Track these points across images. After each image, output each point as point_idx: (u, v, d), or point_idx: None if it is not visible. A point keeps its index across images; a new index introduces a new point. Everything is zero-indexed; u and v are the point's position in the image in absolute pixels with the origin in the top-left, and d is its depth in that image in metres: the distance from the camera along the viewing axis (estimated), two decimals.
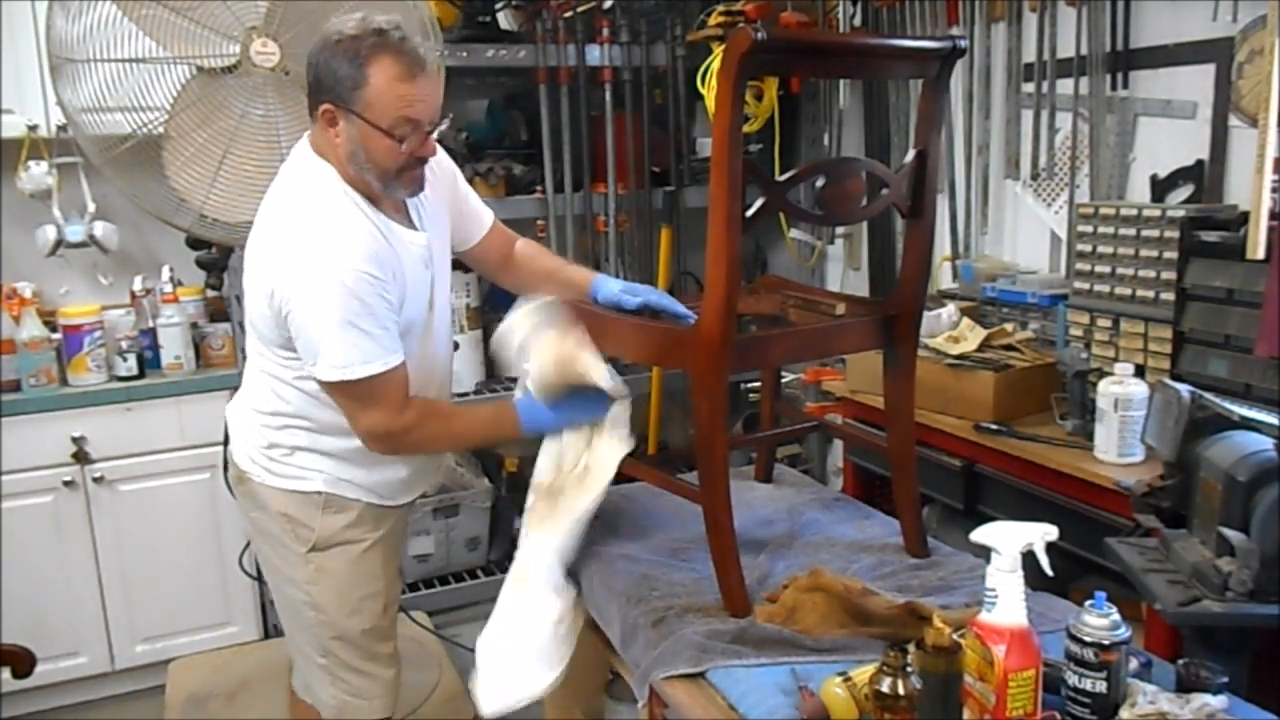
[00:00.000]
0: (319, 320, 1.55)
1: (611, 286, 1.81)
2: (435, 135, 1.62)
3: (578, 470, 1.70)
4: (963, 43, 1.56)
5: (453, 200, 1.84)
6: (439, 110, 1.61)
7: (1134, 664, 1.25)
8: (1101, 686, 1.16)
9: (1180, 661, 1.25)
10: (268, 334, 1.66)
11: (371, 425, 1.64)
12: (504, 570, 3.18)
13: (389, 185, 1.62)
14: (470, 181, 2.00)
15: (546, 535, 1.69)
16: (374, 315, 1.56)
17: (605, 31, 3.04)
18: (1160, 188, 2.23)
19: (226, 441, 1.87)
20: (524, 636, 1.65)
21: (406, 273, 1.65)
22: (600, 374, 1.65)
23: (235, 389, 1.83)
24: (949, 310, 2.43)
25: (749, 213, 1.43)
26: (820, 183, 1.53)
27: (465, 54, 2.88)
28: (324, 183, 1.60)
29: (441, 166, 1.78)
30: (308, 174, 1.62)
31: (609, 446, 1.68)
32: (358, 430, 1.66)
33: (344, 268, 1.53)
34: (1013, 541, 1.18)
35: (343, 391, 1.61)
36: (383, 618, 1.83)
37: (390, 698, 1.86)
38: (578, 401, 1.70)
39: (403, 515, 1.91)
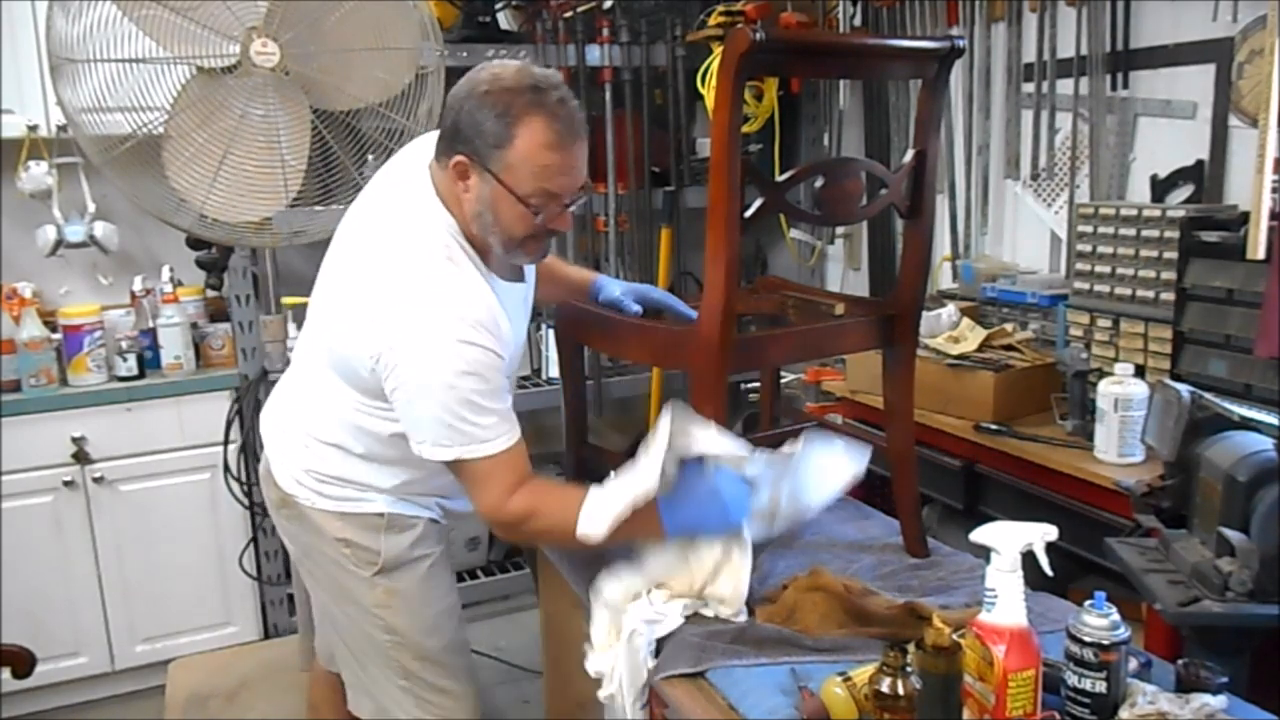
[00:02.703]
0: (426, 397, 1.41)
1: (612, 288, 1.80)
2: (573, 209, 1.48)
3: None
4: (961, 43, 1.56)
5: None
6: (582, 182, 1.46)
7: (1134, 664, 1.25)
8: (1101, 686, 1.16)
9: (1180, 661, 1.24)
10: (353, 381, 1.53)
11: (478, 507, 1.50)
12: (504, 570, 3.23)
13: (511, 252, 1.49)
14: None
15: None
16: (493, 393, 1.42)
17: (605, 31, 3.04)
18: (1160, 188, 2.23)
19: (251, 454, 1.80)
20: None
21: (514, 329, 1.52)
22: (714, 445, 1.43)
23: (235, 389, 1.82)
24: (949, 310, 2.43)
25: (748, 213, 1.43)
26: (819, 183, 1.53)
27: (465, 54, 2.88)
28: (444, 238, 1.45)
29: None
30: (429, 224, 1.46)
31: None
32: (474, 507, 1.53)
33: (465, 344, 1.38)
34: (1013, 541, 1.17)
35: (449, 467, 1.47)
36: (460, 631, 1.73)
37: (477, 713, 1.73)
38: (701, 490, 1.46)
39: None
